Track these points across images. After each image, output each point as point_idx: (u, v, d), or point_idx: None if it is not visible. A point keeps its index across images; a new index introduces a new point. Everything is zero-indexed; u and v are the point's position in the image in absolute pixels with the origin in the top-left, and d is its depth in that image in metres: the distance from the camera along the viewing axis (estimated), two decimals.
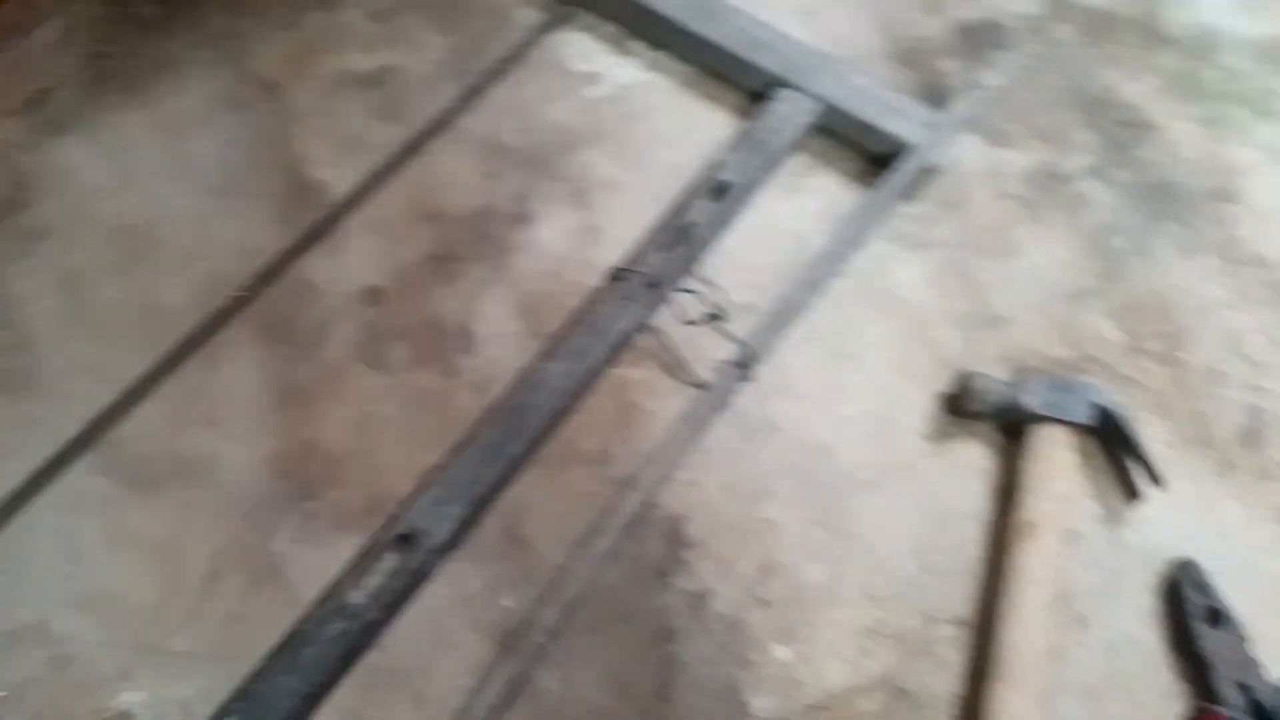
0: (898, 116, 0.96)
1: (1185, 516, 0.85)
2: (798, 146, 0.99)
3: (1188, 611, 0.79)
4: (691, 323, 0.89)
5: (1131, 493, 0.85)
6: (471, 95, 1.02)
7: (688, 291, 0.90)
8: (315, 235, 0.95)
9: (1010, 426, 0.86)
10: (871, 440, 0.87)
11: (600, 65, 1.06)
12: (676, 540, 0.83)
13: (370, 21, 1.09)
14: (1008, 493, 0.84)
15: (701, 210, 0.93)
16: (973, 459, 0.87)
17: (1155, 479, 0.83)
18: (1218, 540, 0.84)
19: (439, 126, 1.00)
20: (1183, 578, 0.81)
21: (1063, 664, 0.78)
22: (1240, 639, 0.78)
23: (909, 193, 0.97)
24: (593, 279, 0.93)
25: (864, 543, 0.83)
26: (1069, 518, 0.82)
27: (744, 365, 0.87)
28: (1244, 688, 0.76)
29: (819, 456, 0.86)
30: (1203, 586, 0.80)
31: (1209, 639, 0.78)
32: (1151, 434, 0.88)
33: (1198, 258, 0.97)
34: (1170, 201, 1.00)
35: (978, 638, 0.79)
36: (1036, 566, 0.79)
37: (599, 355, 0.87)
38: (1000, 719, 0.73)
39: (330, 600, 0.76)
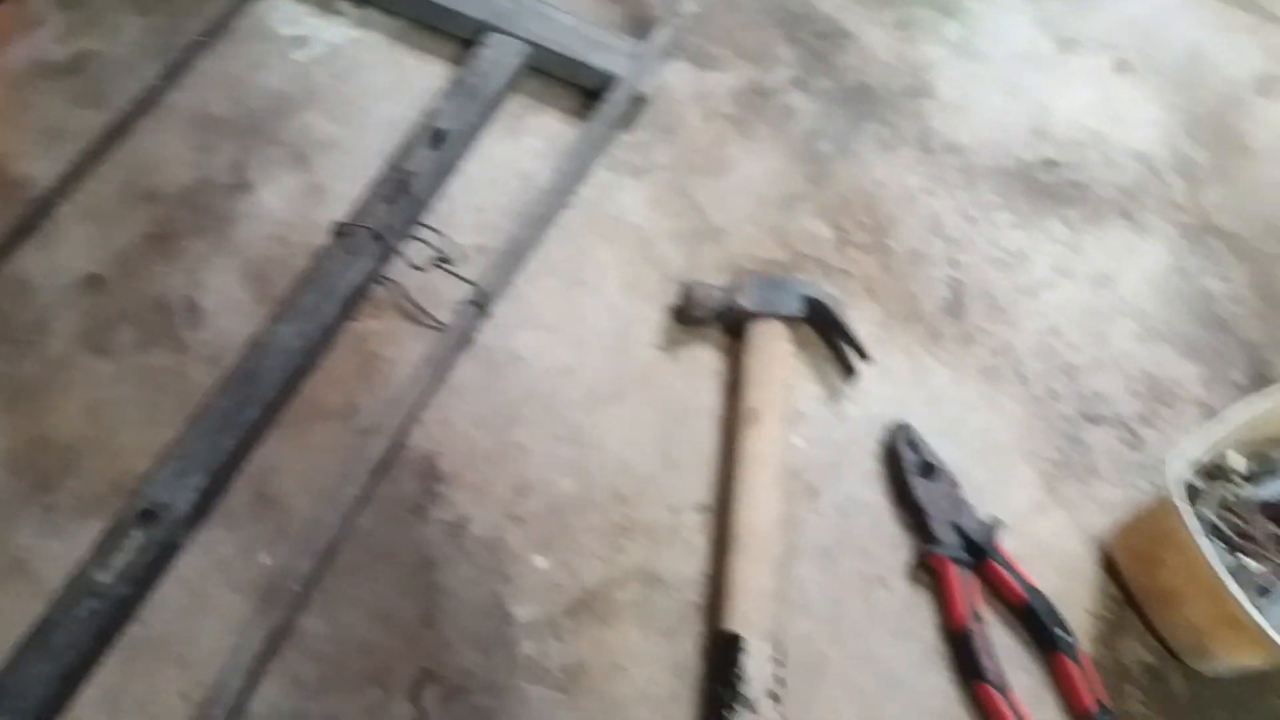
0: (604, 51, 1.09)
1: (899, 385, 1.00)
2: (513, 88, 1.10)
3: (904, 468, 0.95)
4: (421, 269, 0.99)
5: (848, 371, 1.00)
6: (176, 71, 1.08)
7: (415, 239, 1.00)
8: (24, 231, 0.99)
9: (732, 327, 0.99)
10: (610, 357, 0.99)
11: (308, 28, 1.13)
12: (430, 476, 0.92)
13: (60, 9, 1.12)
14: (735, 387, 0.98)
15: (421, 159, 1.02)
16: (703, 361, 0.99)
17: (863, 355, 0.99)
18: (929, 402, 1.00)
19: (144, 106, 1.05)
20: (897, 438, 0.96)
21: (798, 532, 0.92)
22: (952, 486, 0.94)
23: (624, 122, 1.10)
24: (320, 239, 1.00)
25: (610, 451, 0.95)
26: (790, 401, 0.97)
27: (479, 304, 0.97)
28: (957, 528, 0.91)
29: (562, 379, 0.98)
30: (915, 444, 0.96)
31: (924, 490, 0.93)
32: (865, 315, 1.04)
33: (897, 151, 1.14)
34: (869, 103, 1.16)
35: (717, 519, 0.92)
36: (762, 448, 0.92)
37: (330, 312, 0.95)
38: (738, 587, 0.85)
39: (77, 583, 0.81)
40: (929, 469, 0.94)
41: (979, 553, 0.90)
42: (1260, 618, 0.75)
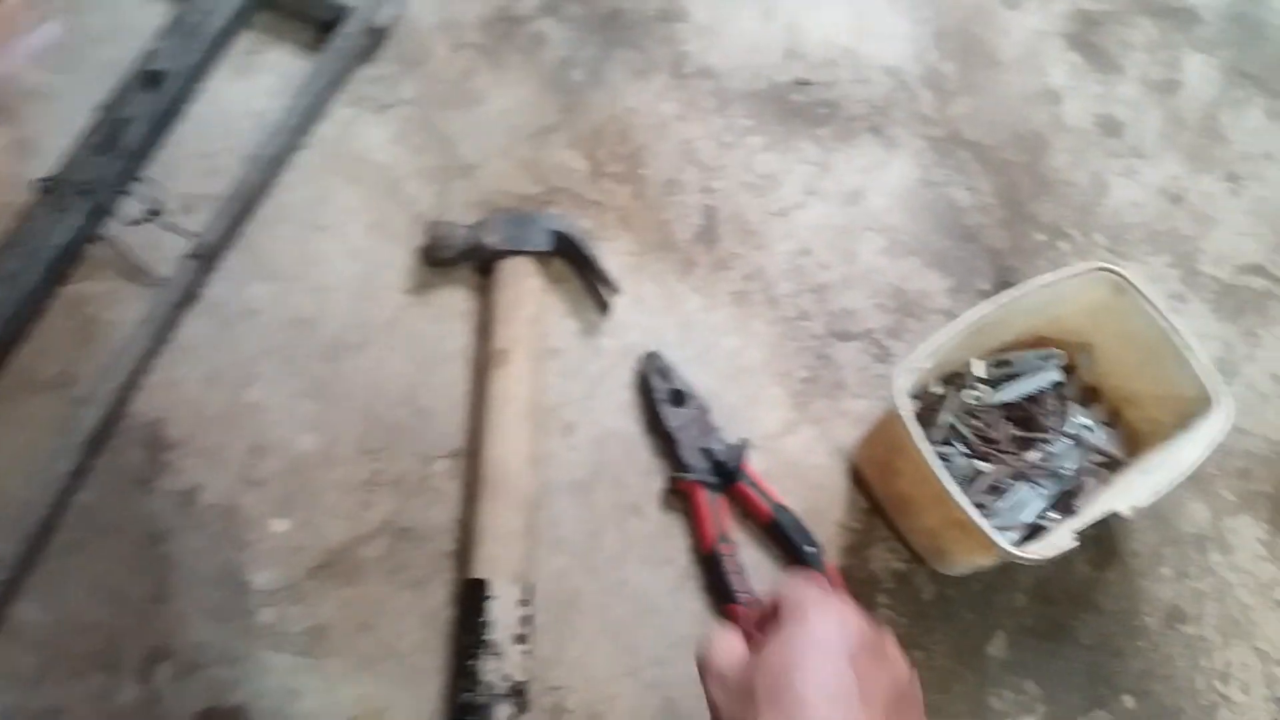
0: None
1: (653, 315, 0.91)
2: (242, 25, 0.94)
3: (654, 397, 0.86)
4: (136, 223, 0.83)
5: (601, 306, 0.90)
6: None
7: (126, 193, 0.84)
8: None
9: (482, 266, 0.89)
10: (355, 305, 0.87)
11: None
12: (157, 444, 0.79)
13: None
14: (485, 328, 0.87)
15: (136, 104, 0.86)
16: (454, 303, 0.88)
17: (613, 289, 0.89)
18: (683, 330, 0.91)
19: None
20: (648, 367, 0.87)
21: (553, 468, 0.83)
22: (702, 412, 0.86)
23: (364, 55, 0.95)
24: (30, 196, 0.85)
25: (355, 402, 0.83)
26: (539, 338, 0.86)
27: (203, 256, 0.83)
28: (707, 453, 0.83)
29: (302, 331, 0.85)
30: (665, 372, 0.87)
31: (674, 417, 0.85)
32: (619, 247, 0.93)
33: (651, 78, 1.02)
34: (622, 28, 1.04)
35: (468, 463, 0.82)
36: (511, 388, 0.82)
37: (35, 276, 0.79)
38: (485, 531, 0.76)
39: None
40: (679, 396, 0.86)
41: (728, 475, 0.84)
42: (981, 519, 0.69)
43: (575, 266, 0.91)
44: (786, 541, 0.81)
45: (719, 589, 0.80)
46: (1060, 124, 1.09)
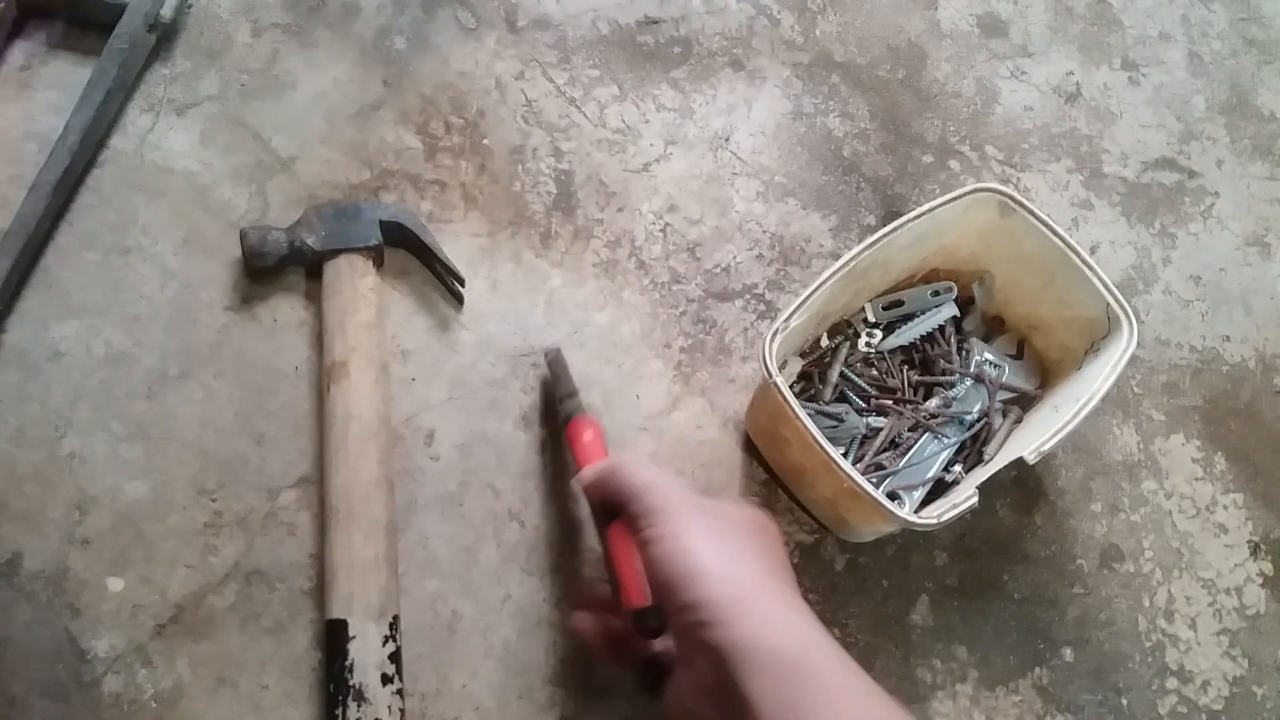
0: None
1: (514, 299, 0.90)
2: (6, 38, 0.91)
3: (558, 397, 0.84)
4: None
5: (455, 296, 0.89)
6: None
7: None
8: None
9: (312, 269, 0.87)
10: (173, 330, 0.85)
11: None
12: None
13: None
14: (320, 339, 0.85)
15: None
16: (286, 314, 0.86)
17: (459, 279, 0.87)
18: (549, 311, 0.90)
19: None
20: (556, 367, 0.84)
21: (416, 484, 0.82)
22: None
23: (155, 54, 0.93)
24: None
25: (186, 439, 0.81)
26: (380, 345, 0.84)
27: None
28: None
29: (117, 368, 0.83)
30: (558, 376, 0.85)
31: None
32: (468, 228, 0.92)
33: (483, 37, 1.00)
34: None
35: (320, 492, 0.80)
36: (353, 404, 0.80)
37: None
38: (341, 564, 0.75)
39: None
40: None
41: None
42: (870, 488, 0.69)
43: (419, 258, 0.89)
44: None
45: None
46: (938, 30, 1.08)
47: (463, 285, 0.88)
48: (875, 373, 0.86)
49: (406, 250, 0.89)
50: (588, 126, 0.98)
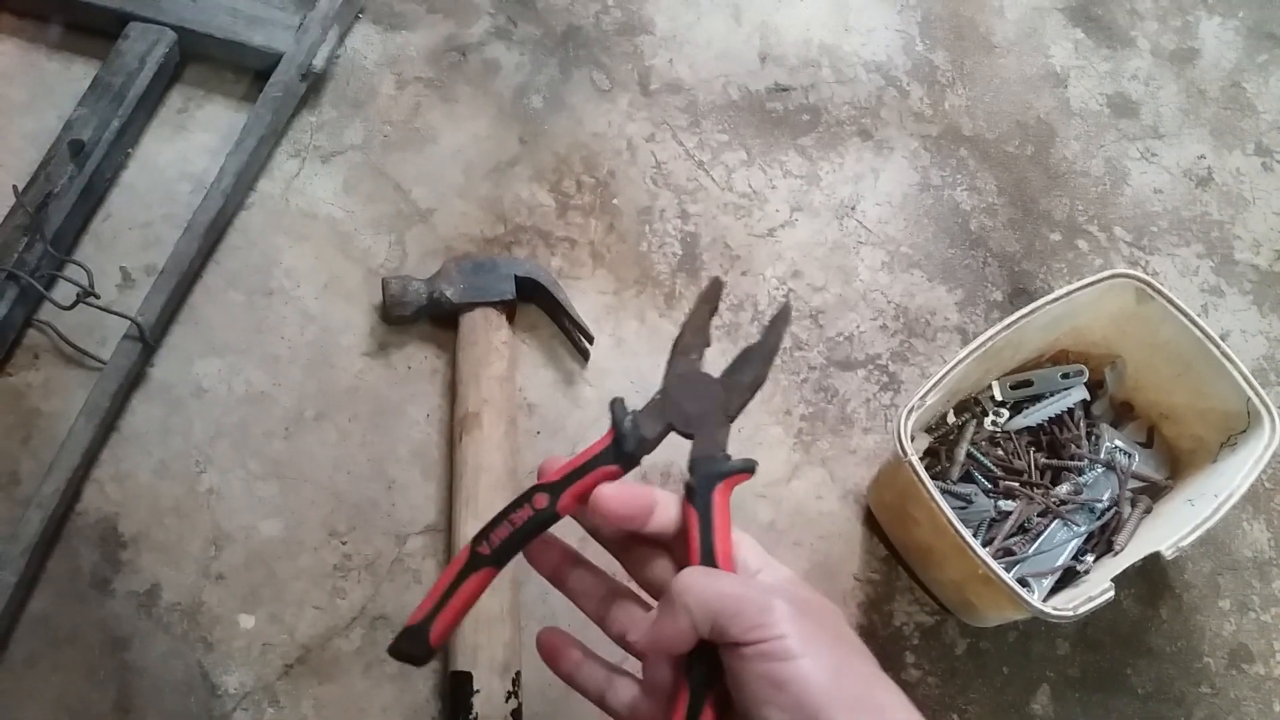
0: (263, 25, 0.95)
1: (636, 357, 0.92)
2: (171, 81, 0.97)
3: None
4: (70, 306, 0.85)
5: (581, 353, 0.91)
6: None
7: (57, 275, 0.86)
8: None
9: (447, 320, 0.90)
10: (311, 373, 0.88)
11: None
12: (111, 541, 0.81)
13: None
14: (453, 388, 0.88)
15: (61, 178, 0.89)
16: (420, 363, 0.90)
17: (588, 336, 0.90)
18: (654, 373, 0.91)
19: None
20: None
21: None
22: None
23: (304, 102, 0.98)
24: None
25: (319, 481, 0.85)
26: (511, 397, 0.87)
27: (142, 337, 0.85)
28: None
29: (256, 406, 0.87)
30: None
31: None
32: (594, 285, 0.95)
33: (616, 98, 1.04)
34: (580, 47, 1.06)
35: (447, 541, 0.83)
36: (485, 455, 0.83)
37: None
38: (468, 617, 0.78)
39: None
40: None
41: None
42: (1008, 577, 0.69)
43: (548, 313, 0.92)
44: None
45: None
46: (1067, 108, 1.10)
47: (591, 342, 0.90)
48: (1001, 452, 0.87)
49: (537, 306, 0.92)
50: (715, 190, 1.01)
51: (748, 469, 0.50)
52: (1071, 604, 0.70)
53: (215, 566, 0.81)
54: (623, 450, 0.51)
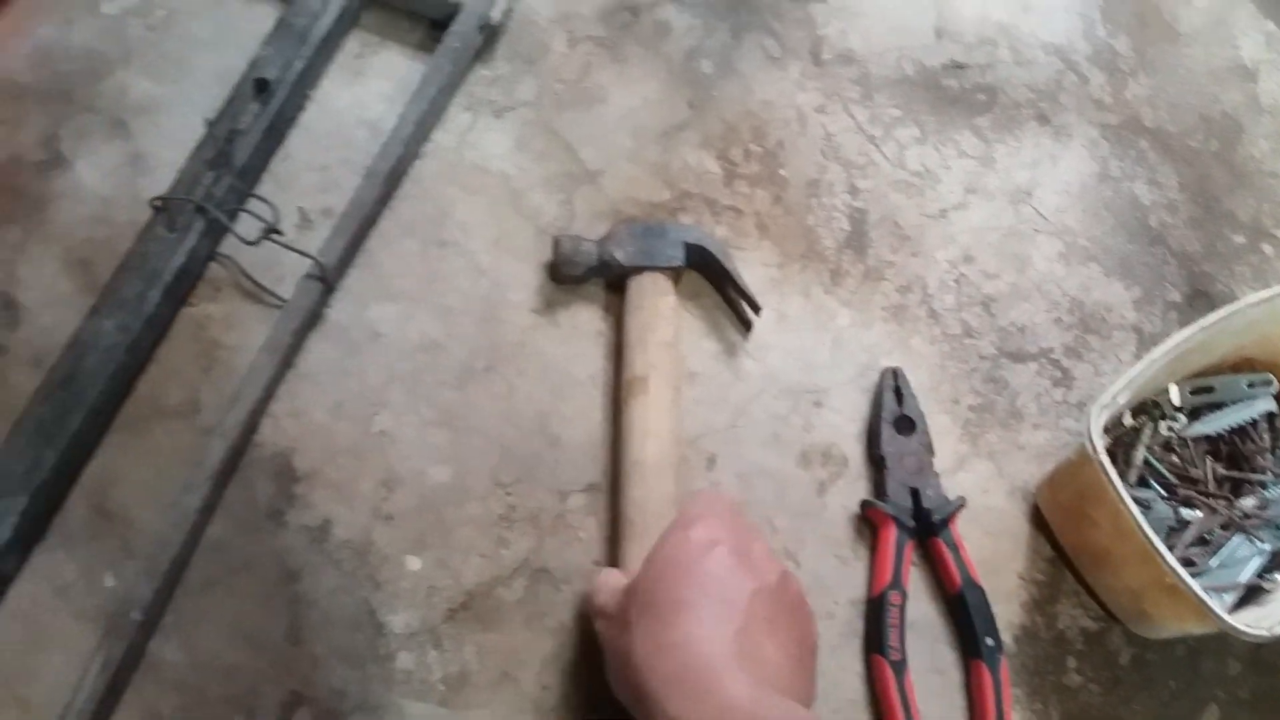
0: None
1: (800, 333, 0.93)
2: (350, 25, 0.99)
3: (880, 415, 0.88)
4: (253, 242, 0.88)
5: (744, 324, 0.92)
6: None
7: (242, 210, 0.89)
8: None
9: (613, 282, 0.92)
10: (481, 326, 0.91)
11: None
12: (286, 476, 0.85)
13: None
14: (619, 351, 0.89)
15: (246, 115, 0.92)
16: (585, 323, 0.92)
17: (755, 306, 0.91)
18: (835, 349, 0.93)
19: None
20: (884, 384, 0.90)
21: None
22: (925, 450, 0.88)
23: (478, 55, 0.99)
24: (147, 213, 0.90)
25: (487, 432, 0.87)
26: (678, 364, 0.89)
27: (322, 277, 0.88)
28: (915, 494, 0.85)
29: (429, 355, 0.90)
30: (901, 394, 0.89)
31: (892, 443, 0.87)
32: (759, 257, 0.96)
33: (787, 66, 1.04)
34: (753, 12, 1.06)
35: (608, 502, 0.85)
36: (651, 420, 0.85)
37: (155, 299, 0.85)
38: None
39: None
40: (906, 423, 0.89)
41: (929, 527, 0.85)
42: (1198, 587, 0.68)
43: (712, 282, 0.93)
44: (965, 621, 0.82)
45: (872, 636, 0.82)
46: (1256, 104, 1.07)
47: (758, 313, 0.91)
48: (1177, 459, 0.86)
49: (703, 275, 0.93)
50: (886, 166, 1.00)
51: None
52: (1266, 622, 0.69)
53: (385, 507, 0.84)
54: (905, 525, 0.83)
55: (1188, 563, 0.80)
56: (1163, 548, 0.70)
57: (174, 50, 0.98)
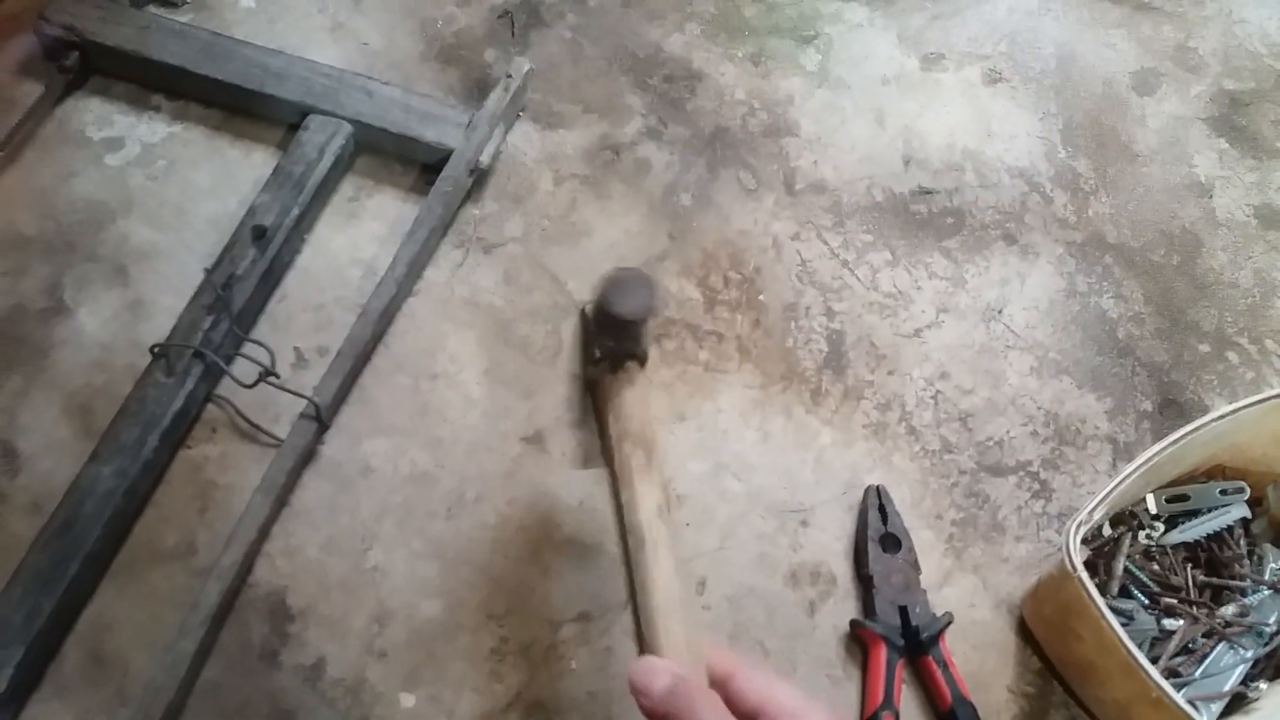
0: (436, 122, 1.02)
1: (783, 453, 0.95)
2: (345, 171, 1.04)
3: (865, 534, 0.89)
4: (250, 385, 0.91)
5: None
6: None
7: (239, 353, 0.92)
8: None
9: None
10: (473, 456, 0.93)
11: (121, 127, 1.05)
12: (280, 614, 0.85)
13: None
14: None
15: (244, 261, 0.95)
16: (572, 448, 0.94)
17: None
18: (818, 468, 0.94)
19: None
20: (869, 502, 0.91)
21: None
22: (911, 567, 0.88)
23: (469, 196, 1.04)
24: (145, 359, 0.93)
25: (478, 563, 0.88)
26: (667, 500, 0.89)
27: (317, 416, 0.90)
28: (902, 610, 0.85)
29: (421, 487, 0.91)
30: (886, 512, 0.90)
31: (879, 562, 0.88)
32: (742, 380, 0.98)
33: (762, 197, 1.08)
34: (727, 147, 1.11)
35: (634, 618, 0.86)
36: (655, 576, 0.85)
37: (153, 444, 0.87)
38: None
39: None
40: (891, 541, 0.90)
41: (918, 645, 0.85)
42: (1183, 701, 0.69)
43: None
44: None
45: None
46: (1213, 219, 1.11)
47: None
48: (1157, 568, 0.87)
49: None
50: (860, 289, 1.04)
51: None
52: None
53: (379, 643, 0.85)
54: (895, 644, 0.85)
55: (1173, 673, 0.81)
56: (1146, 662, 0.71)
57: (174, 199, 1.03)
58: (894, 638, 0.84)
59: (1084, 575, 0.74)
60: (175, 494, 0.89)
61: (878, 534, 0.89)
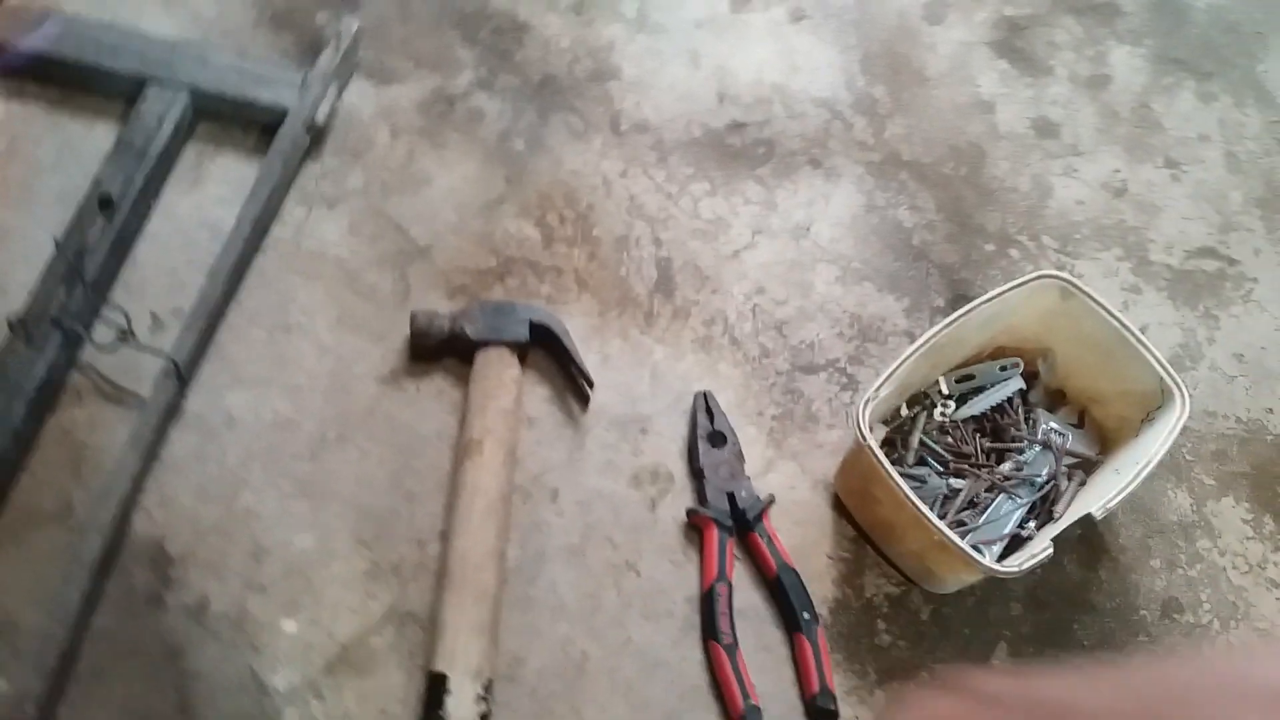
0: (270, 84, 1.06)
1: (623, 371, 1.03)
2: (186, 138, 1.08)
3: (695, 433, 0.99)
4: (109, 348, 0.96)
5: (581, 399, 1.02)
6: None
7: (97, 319, 0.97)
8: None
9: (464, 355, 1.01)
10: (330, 399, 0.99)
11: None
12: (161, 561, 0.91)
13: None
14: (463, 417, 0.98)
15: (93, 230, 0.99)
16: (435, 389, 1.00)
17: (589, 383, 1.01)
18: (654, 381, 1.04)
19: None
20: (697, 405, 1.01)
21: (544, 536, 0.95)
22: (736, 458, 0.98)
23: (308, 154, 1.09)
24: (3, 333, 0.96)
25: (345, 496, 0.95)
26: (514, 429, 0.97)
27: (176, 373, 0.95)
28: (731, 497, 0.96)
29: (283, 432, 0.97)
30: (712, 413, 1.00)
31: (708, 456, 0.98)
32: (581, 309, 1.06)
33: (590, 139, 1.16)
34: (556, 93, 1.18)
35: (440, 553, 0.93)
36: (481, 479, 0.93)
37: (21, 413, 0.91)
38: (448, 623, 0.87)
39: None
40: (718, 438, 0.99)
41: (745, 524, 0.95)
42: (959, 540, 0.82)
43: (556, 358, 1.03)
44: (785, 602, 0.93)
45: (706, 625, 0.92)
46: (996, 132, 1.24)
47: (592, 387, 1.01)
48: (950, 440, 1.00)
49: (546, 351, 1.03)
50: (683, 218, 1.13)
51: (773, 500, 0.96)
52: (1017, 562, 0.83)
53: (257, 578, 0.91)
54: (725, 525, 0.96)
55: (960, 524, 0.93)
56: (929, 512, 0.83)
57: (18, 176, 1.04)
58: (724, 520, 0.95)
59: (873, 444, 0.85)
60: (48, 459, 0.93)
61: (705, 432, 0.99)
